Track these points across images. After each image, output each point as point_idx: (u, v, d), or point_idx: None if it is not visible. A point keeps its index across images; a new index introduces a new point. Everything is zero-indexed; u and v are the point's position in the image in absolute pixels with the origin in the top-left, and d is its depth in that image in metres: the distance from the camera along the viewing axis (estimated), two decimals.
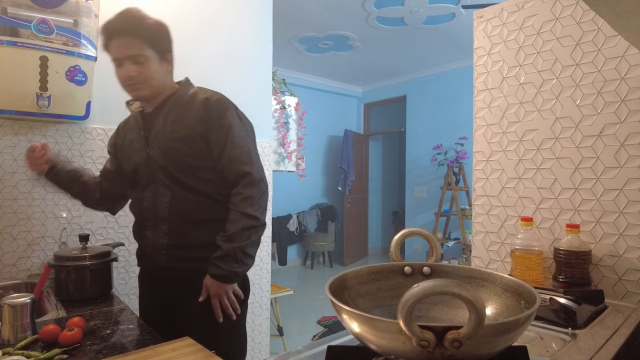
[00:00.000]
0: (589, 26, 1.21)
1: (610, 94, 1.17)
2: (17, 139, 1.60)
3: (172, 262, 1.24)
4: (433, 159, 4.83)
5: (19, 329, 0.95)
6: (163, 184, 1.24)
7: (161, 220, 1.24)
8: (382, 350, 0.54)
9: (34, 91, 1.49)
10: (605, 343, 0.78)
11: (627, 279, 1.13)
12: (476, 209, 1.48)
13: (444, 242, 4.72)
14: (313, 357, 0.74)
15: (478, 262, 1.47)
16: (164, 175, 1.24)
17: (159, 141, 1.24)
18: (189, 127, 1.23)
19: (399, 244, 0.81)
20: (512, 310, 0.65)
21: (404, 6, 3.51)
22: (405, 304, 0.47)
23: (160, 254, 1.25)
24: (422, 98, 5.55)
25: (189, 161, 1.23)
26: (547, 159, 1.30)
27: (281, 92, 3.28)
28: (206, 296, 1.19)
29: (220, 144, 1.22)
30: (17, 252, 1.60)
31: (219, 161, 1.23)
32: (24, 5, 1.45)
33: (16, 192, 1.60)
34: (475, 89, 1.49)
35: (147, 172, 1.26)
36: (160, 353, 0.82)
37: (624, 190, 1.14)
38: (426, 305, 0.73)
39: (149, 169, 1.26)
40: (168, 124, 1.25)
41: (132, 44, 1.17)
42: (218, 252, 1.16)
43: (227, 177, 1.23)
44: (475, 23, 1.50)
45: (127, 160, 1.32)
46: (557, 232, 1.27)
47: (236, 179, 1.22)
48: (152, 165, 1.25)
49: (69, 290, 1.30)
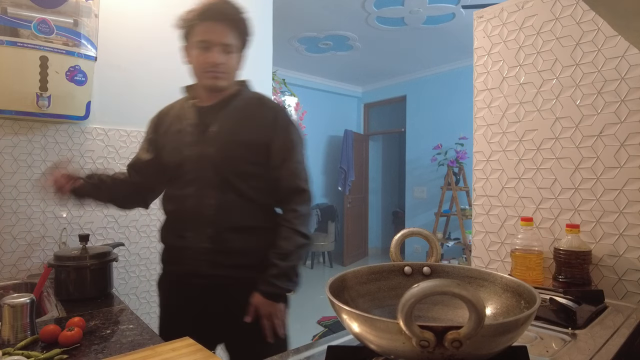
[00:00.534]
0: (589, 26, 1.21)
1: (610, 94, 1.17)
2: (17, 139, 1.60)
3: (213, 269, 1.16)
4: (433, 159, 4.83)
5: (19, 329, 0.95)
6: (209, 184, 1.16)
7: (205, 223, 1.16)
8: (382, 350, 0.54)
9: (34, 91, 1.49)
10: (605, 343, 0.78)
11: (627, 279, 1.13)
12: (476, 209, 1.48)
13: (444, 242, 4.72)
14: (313, 357, 0.74)
15: (478, 262, 1.47)
16: (215, 175, 1.16)
17: (219, 140, 1.17)
18: (255, 133, 1.19)
19: (399, 244, 0.81)
20: (512, 310, 0.65)
21: (404, 6, 3.51)
22: (405, 304, 0.46)
23: (202, 259, 1.16)
24: (422, 98, 5.55)
25: (245, 166, 1.18)
26: (547, 159, 1.30)
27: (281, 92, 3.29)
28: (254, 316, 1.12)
29: (282, 155, 1.19)
30: (17, 252, 1.60)
31: (277, 171, 1.19)
32: (24, 5, 1.45)
33: (16, 192, 1.60)
34: (475, 89, 1.49)
35: (195, 168, 1.17)
36: (160, 353, 0.82)
37: (624, 190, 1.14)
38: (426, 305, 0.73)
39: (199, 165, 1.17)
40: (231, 124, 1.19)
41: (227, 32, 1.15)
42: (274, 270, 1.12)
43: (280, 189, 1.20)
44: (475, 23, 1.50)
45: (170, 151, 1.22)
46: (557, 232, 1.27)
47: (291, 193, 1.19)
48: (203, 162, 1.17)
49: (69, 290, 1.30)
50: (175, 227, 1.22)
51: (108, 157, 1.81)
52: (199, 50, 1.15)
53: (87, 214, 1.75)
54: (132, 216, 1.88)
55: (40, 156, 1.64)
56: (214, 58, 1.14)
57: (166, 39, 1.96)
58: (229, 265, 1.16)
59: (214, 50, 1.14)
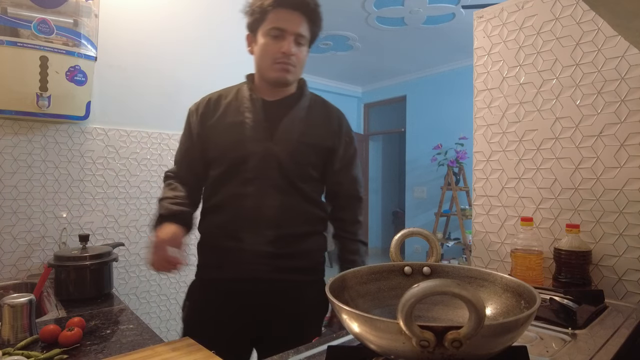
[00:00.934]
0: (589, 26, 1.21)
1: (610, 94, 1.17)
2: (17, 139, 1.59)
3: (274, 273, 1.09)
4: (433, 159, 4.83)
5: (19, 329, 0.95)
6: (273, 185, 1.09)
7: (266, 225, 1.08)
8: (382, 350, 0.54)
9: (34, 91, 1.49)
10: (605, 343, 0.78)
11: (627, 279, 1.13)
12: (476, 209, 1.48)
13: (444, 242, 4.72)
14: (313, 357, 0.74)
15: (478, 262, 1.47)
16: (280, 175, 1.09)
17: (288, 140, 1.11)
18: (322, 138, 1.16)
19: (399, 244, 0.81)
20: (512, 310, 0.65)
21: (404, 6, 3.51)
22: (405, 304, 0.46)
23: (262, 263, 1.08)
24: (422, 98, 5.55)
25: (308, 170, 1.14)
26: (547, 159, 1.30)
27: None
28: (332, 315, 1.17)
29: (345, 161, 1.18)
30: (17, 252, 1.60)
31: (337, 176, 1.18)
32: (24, 5, 1.45)
33: (16, 192, 1.60)
34: (475, 89, 1.49)
35: (258, 166, 1.09)
36: (160, 353, 0.82)
37: (624, 190, 1.14)
38: (426, 305, 0.73)
39: (264, 163, 1.09)
40: (300, 125, 1.13)
41: (303, 22, 1.08)
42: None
43: (339, 195, 1.19)
44: (475, 23, 1.50)
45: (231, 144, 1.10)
46: (557, 232, 1.27)
47: (349, 199, 1.19)
48: (269, 161, 1.09)
49: (69, 290, 1.30)
50: (227, 228, 1.11)
51: (108, 157, 1.81)
52: (269, 39, 1.07)
53: (87, 214, 1.75)
54: (132, 216, 1.88)
55: (40, 156, 1.64)
56: (288, 47, 1.06)
57: (166, 39, 1.97)
58: (289, 270, 1.11)
59: (287, 39, 1.06)
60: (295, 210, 1.12)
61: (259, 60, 1.12)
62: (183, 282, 2.01)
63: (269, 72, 1.10)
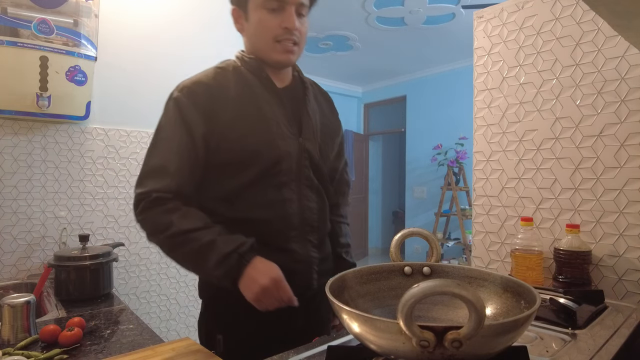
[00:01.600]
0: (589, 26, 1.21)
1: (610, 94, 1.17)
2: (17, 139, 1.59)
3: (321, 279, 0.98)
4: (433, 159, 4.83)
5: (19, 329, 0.95)
6: (308, 185, 0.97)
7: (309, 230, 0.98)
8: (382, 350, 0.54)
9: (34, 91, 1.49)
10: (605, 343, 0.78)
11: (627, 279, 1.13)
12: (476, 209, 1.48)
13: (444, 242, 4.72)
14: (313, 357, 0.74)
15: (478, 262, 1.47)
16: (314, 174, 0.98)
17: (314, 133, 0.98)
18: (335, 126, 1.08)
19: (399, 244, 0.81)
20: (512, 310, 0.65)
21: (404, 6, 3.51)
22: (405, 304, 0.46)
23: (312, 271, 0.98)
24: (422, 98, 5.55)
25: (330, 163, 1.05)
26: (547, 159, 1.30)
27: None
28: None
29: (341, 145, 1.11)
30: (17, 252, 1.60)
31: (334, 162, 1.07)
32: (24, 5, 1.45)
33: (16, 192, 1.60)
34: (475, 89, 1.49)
35: (294, 167, 0.94)
36: (160, 353, 0.82)
37: (624, 190, 1.14)
38: (426, 305, 0.73)
39: (298, 163, 0.95)
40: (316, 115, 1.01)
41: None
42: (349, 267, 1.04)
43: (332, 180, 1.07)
44: (475, 23, 1.50)
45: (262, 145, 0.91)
46: (557, 232, 1.27)
47: (341, 184, 1.12)
48: (302, 159, 0.95)
49: (69, 290, 1.30)
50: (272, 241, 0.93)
51: (108, 157, 1.81)
52: (265, 12, 0.89)
53: (87, 214, 1.75)
54: (132, 216, 1.87)
55: (40, 156, 1.64)
56: (291, 22, 0.88)
57: (166, 39, 1.97)
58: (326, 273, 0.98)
59: (288, 10, 0.88)
60: (325, 209, 1.04)
61: (255, 39, 0.94)
62: (183, 282, 2.01)
63: (271, 53, 0.92)
